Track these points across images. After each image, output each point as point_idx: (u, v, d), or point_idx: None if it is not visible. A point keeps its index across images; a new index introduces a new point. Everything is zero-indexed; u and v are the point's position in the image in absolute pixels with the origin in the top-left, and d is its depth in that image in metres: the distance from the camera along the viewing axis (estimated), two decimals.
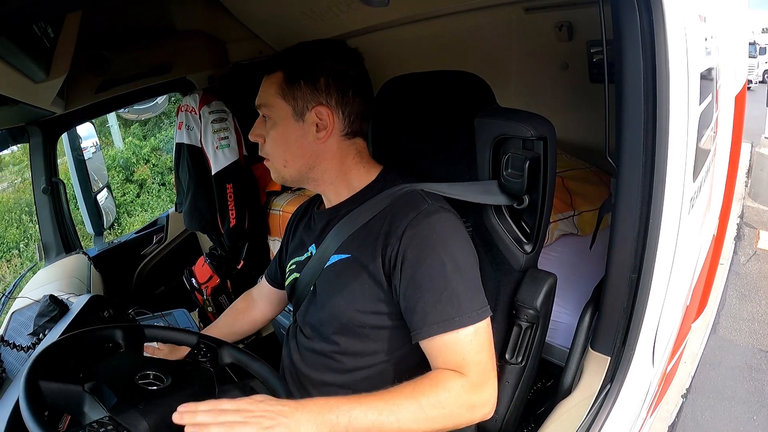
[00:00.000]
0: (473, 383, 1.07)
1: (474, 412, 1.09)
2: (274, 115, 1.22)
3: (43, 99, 1.83)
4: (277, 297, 1.63)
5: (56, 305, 1.67)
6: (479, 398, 1.08)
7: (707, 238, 1.71)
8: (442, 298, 1.09)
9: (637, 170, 1.05)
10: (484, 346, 1.11)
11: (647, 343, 1.24)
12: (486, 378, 1.10)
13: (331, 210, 1.30)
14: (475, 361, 1.09)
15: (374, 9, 2.03)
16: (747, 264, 3.57)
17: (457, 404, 1.05)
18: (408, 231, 1.12)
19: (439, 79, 1.39)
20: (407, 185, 1.19)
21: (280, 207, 2.70)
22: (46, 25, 1.37)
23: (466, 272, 1.12)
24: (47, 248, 2.50)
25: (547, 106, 1.73)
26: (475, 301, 1.11)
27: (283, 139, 1.22)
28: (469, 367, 1.08)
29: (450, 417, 1.05)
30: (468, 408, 1.07)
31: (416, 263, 1.11)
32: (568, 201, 2.00)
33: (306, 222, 1.42)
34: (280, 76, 1.20)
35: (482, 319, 1.11)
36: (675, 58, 0.98)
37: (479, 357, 1.09)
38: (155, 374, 1.08)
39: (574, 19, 2.01)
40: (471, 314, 1.09)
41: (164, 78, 2.48)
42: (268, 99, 1.22)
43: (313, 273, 1.27)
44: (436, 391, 1.04)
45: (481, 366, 1.09)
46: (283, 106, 1.20)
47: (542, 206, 1.17)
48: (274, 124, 1.22)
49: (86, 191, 2.91)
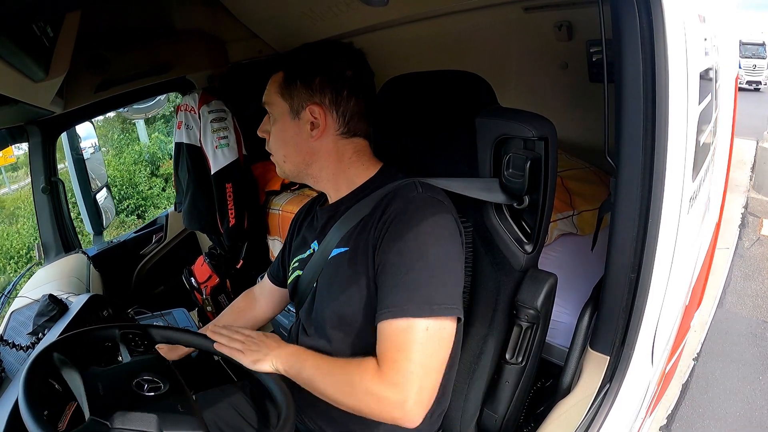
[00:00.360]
0: (385, 377, 1.04)
1: (383, 406, 1.05)
2: (275, 112, 1.26)
3: (42, 98, 1.83)
4: (279, 295, 1.62)
5: (55, 305, 1.67)
6: (391, 395, 1.04)
7: (706, 236, 1.71)
8: (400, 283, 1.07)
9: (636, 170, 1.05)
10: (429, 348, 1.06)
11: (646, 343, 1.24)
12: (406, 380, 1.03)
13: (331, 206, 1.31)
14: (405, 359, 1.04)
15: (374, 9, 2.03)
16: (751, 248, 3.98)
17: (363, 389, 1.06)
18: (389, 217, 1.13)
19: (440, 78, 1.39)
20: (407, 179, 1.21)
21: (279, 206, 2.70)
22: (46, 24, 1.36)
23: (433, 265, 1.08)
24: (46, 248, 2.50)
25: (546, 106, 1.73)
26: (436, 296, 1.06)
27: (282, 136, 1.27)
28: (394, 362, 1.05)
29: (357, 400, 1.08)
30: (376, 399, 1.05)
31: (387, 249, 1.11)
32: (568, 201, 2.00)
33: (309, 220, 1.42)
34: (281, 76, 1.25)
35: (438, 315, 1.06)
36: (674, 57, 0.98)
37: (413, 356, 1.04)
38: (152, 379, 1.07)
39: (574, 19, 2.01)
40: (424, 306, 1.05)
41: (164, 77, 2.48)
42: (271, 97, 1.26)
43: (315, 269, 1.27)
44: (357, 371, 1.09)
45: (409, 367, 1.04)
46: (281, 104, 1.24)
47: (543, 206, 1.17)
48: (275, 121, 1.27)
49: (85, 191, 2.91)
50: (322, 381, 1.13)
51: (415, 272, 1.07)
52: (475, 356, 1.30)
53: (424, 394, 1.05)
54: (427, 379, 1.05)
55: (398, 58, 2.41)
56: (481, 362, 1.29)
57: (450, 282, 1.10)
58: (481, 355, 1.29)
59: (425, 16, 2.21)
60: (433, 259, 1.09)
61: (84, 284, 2.30)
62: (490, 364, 1.28)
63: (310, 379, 1.15)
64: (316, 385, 1.14)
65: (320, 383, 1.13)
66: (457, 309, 1.09)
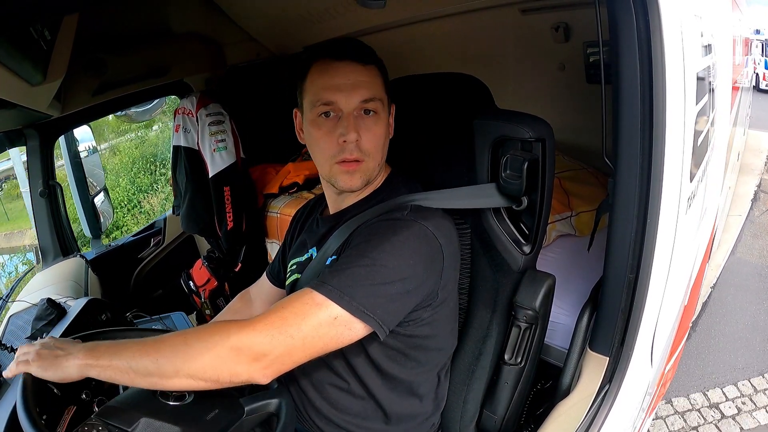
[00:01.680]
0: (252, 324, 0.98)
1: (240, 357, 0.96)
2: (380, 109, 1.18)
3: (39, 102, 1.83)
4: (276, 295, 1.61)
5: (54, 308, 1.67)
6: (248, 340, 0.96)
7: (705, 237, 1.72)
8: (334, 269, 1.05)
9: (634, 171, 1.05)
10: (307, 322, 0.99)
11: (645, 343, 1.24)
12: (270, 329, 0.98)
13: (337, 215, 1.30)
14: (281, 316, 0.99)
15: (371, 11, 2.03)
16: (761, 216, 4.87)
17: (221, 339, 0.96)
18: (366, 226, 1.13)
19: (437, 80, 1.39)
20: (407, 196, 1.20)
21: (277, 209, 2.69)
22: (43, 27, 1.37)
23: (382, 274, 1.03)
24: (44, 251, 2.49)
25: (544, 107, 1.74)
26: (356, 293, 1.01)
27: (384, 135, 1.21)
28: (269, 314, 1.00)
29: (210, 353, 0.96)
30: (233, 350, 0.96)
31: (350, 245, 1.11)
32: (566, 202, 2.00)
33: (310, 223, 1.42)
34: (377, 70, 1.19)
35: (345, 307, 1.00)
36: (671, 58, 0.99)
37: (288, 316, 0.99)
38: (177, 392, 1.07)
39: (571, 21, 2.01)
40: (336, 292, 1.00)
41: (161, 80, 2.49)
42: (380, 92, 1.19)
43: (312, 275, 1.25)
44: (211, 327, 1.03)
45: (278, 322, 0.98)
46: (385, 99, 1.20)
47: (541, 207, 1.17)
48: (378, 120, 1.19)
49: (83, 194, 2.90)
50: (153, 350, 0.97)
51: (359, 271, 1.03)
52: (474, 357, 1.31)
53: (285, 362, 1.00)
54: (298, 353, 1.00)
55: (395, 60, 2.39)
56: (480, 363, 1.30)
57: (385, 294, 1.04)
58: (480, 356, 1.30)
59: (422, 19, 2.22)
60: (386, 271, 1.04)
61: (82, 288, 2.29)
62: (489, 365, 1.28)
63: (132, 356, 0.97)
64: (143, 357, 0.96)
65: (149, 353, 0.96)
66: (374, 320, 1.02)
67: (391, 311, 1.05)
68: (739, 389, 2.74)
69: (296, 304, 1.01)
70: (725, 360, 2.94)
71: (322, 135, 1.17)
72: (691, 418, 2.61)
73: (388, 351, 1.18)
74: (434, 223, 1.13)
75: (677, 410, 2.66)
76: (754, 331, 3.18)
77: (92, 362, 0.99)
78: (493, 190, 1.20)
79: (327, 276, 1.04)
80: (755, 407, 2.63)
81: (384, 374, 1.21)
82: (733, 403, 2.67)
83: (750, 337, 3.13)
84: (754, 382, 2.77)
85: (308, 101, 1.19)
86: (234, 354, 0.96)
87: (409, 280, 1.06)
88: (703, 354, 3.00)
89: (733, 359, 2.95)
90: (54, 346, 1.05)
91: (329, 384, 1.25)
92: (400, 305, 1.07)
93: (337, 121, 1.16)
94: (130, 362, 0.96)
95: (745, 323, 3.26)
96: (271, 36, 2.63)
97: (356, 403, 1.24)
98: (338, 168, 1.19)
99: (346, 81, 1.14)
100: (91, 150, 3.06)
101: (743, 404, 2.65)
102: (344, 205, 1.29)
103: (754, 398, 2.69)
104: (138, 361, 0.96)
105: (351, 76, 1.15)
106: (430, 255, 1.10)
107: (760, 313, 3.34)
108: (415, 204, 1.17)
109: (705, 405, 2.67)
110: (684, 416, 2.63)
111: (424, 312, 1.15)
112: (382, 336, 1.04)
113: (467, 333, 1.32)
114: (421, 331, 1.17)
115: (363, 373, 1.22)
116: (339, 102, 1.14)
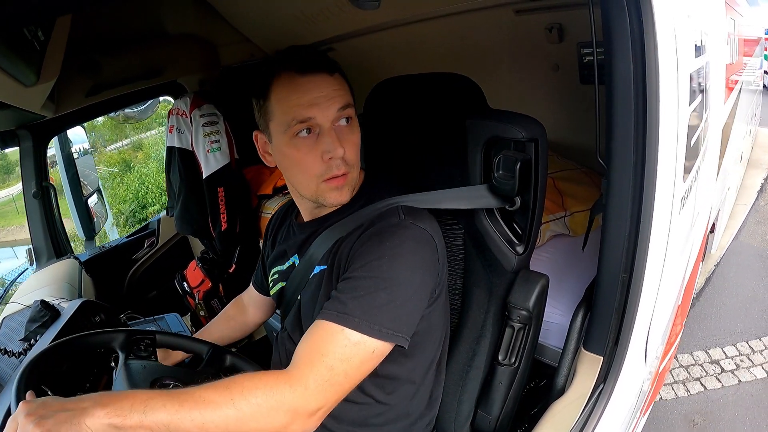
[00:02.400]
0: (302, 381, 0.95)
1: (296, 417, 0.94)
2: (353, 117, 1.14)
3: (33, 103, 1.82)
4: (266, 302, 1.62)
5: (47, 310, 1.66)
6: (303, 401, 0.94)
7: (698, 236, 1.72)
8: (353, 294, 1.02)
9: (627, 171, 1.05)
10: (351, 364, 0.98)
11: (639, 343, 1.25)
12: (323, 384, 0.96)
13: (315, 222, 1.25)
14: (328, 366, 0.96)
15: (365, 12, 2.03)
16: (765, 206, 5.08)
17: (276, 403, 0.92)
18: (366, 238, 1.09)
19: (430, 81, 1.39)
20: (391, 199, 1.16)
21: (271, 210, 2.69)
22: (37, 28, 1.36)
23: (402, 294, 1.03)
24: (38, 253, 2.49)
25: (537, 108, 1.74)
26: (383, 318, 1.00)
27: (358, 144, 1.16)
28: (314, 366, 0.96)
29: (266, 417, 0.92)
30: (289, 413, 0.93)
31: (355, 263, 1.06)
32: (560, 202, 2.00)
33: (285, 230, 1.39)
34: (341, 77, 1.12)
35: (377, 336, 0.99)
36: (664, 59, 0.99)
37: (334, 364, 0.97)
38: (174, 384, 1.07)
39: (565, 21, 2.02)
40: (366, 324, 0.99)
41: (155, 81, 2.48)
42: (351, 98, 1.13)
43: (299, 282, 1.24)
44: (254, 384, 0.93)
45: (327, 374, 0.96)
46: (353, 106, 1.14)
47: (534, 207, 1.17)
48: (354, 128, 1.14)
49: (77, 195, 2.89)
50: (195, 410, 0.88)
51: (372, 292, 1.01)
52: (468, 358, 1.31)
53: (333, 406, 1.00)
54: (331, 394, 0.98)
55: (389, 60, 2.41)
56: (474, 364, 1.30)
57: (406, 310, 1.04)
58: (474, 357, 1.30)
59: (416, 19, 2.21)
60: (397, 287, 1.03)
61: (76, 289, 2.29)
62: (483, 366, 1.28)
63: (169, 416, 0.87)
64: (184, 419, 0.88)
65: (191, 415, 0.88)
66: (401, 338, 1.02)
67: (412, 323, 1.06)
68: (737, 349, 3.03)
69: (336, 348, 0.98)
70: (725, 325, 3.24)
71: (303, 155, 1.11)
72: (694, 371, 2.89)
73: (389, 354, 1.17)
74: (428, 223, 1.12)
75: (682, 364, 2.94)
76: (752, 302, 3.46)
77: (118, 422, 0.85)
78: (485, 190, 1.19)
79: (349, 305, 1.01)
80: (752, 364, 2.89)
81: (382, 376, 1.19)
82: (732, 360, 2.94)
83: (749, 308, 3.41)
84: (751, 344, 3.05)
85: (279, 122, 1.11)
86: (291, 416, 0.94)
87: (421, 288, 1.07)
88: (706, 320, 3.30)
89: (732, 325, 3.24)
90: (53, 411, 0.87)
91: None
92: (417, 314, 1.08)
93: (317, 137, 1.10)
94: (169, 423, 0.87)
95: (744, 296, 3.54)
96: (265, 36, 2.62)
97: (353, 409, 1.23)
98: (326, 186, 1.13)
99: (320, 94, 1.07)
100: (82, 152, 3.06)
101: (741, 362, 2.92)
102: (322, 212, 1.24)
103: (751, 357, 2.96)
104: (178, 423, 0.87)
105: (324, 88, 1.08)
106: (431, 258, 1.10)
107: (759, 288, 3.63)
108: (405, 206, 1.15)
109: (707, 361, 2.95)
110: (688, 369, 2.90)
111: (425, 309, 1.15)
112: (406, 346, 1.05)
113: (461, 333, 1.32)
114: (419, 327, 1.17)
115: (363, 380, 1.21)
116: (317, 117, 1.08)
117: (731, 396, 2.69)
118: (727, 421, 2.53)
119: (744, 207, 4.84)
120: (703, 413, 2.59)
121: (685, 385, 2.79)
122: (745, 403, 2.63)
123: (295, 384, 0.95)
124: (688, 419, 2.56)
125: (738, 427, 2.49)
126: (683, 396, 2.72)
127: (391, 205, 1.15)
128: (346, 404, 1.21)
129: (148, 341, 1.28)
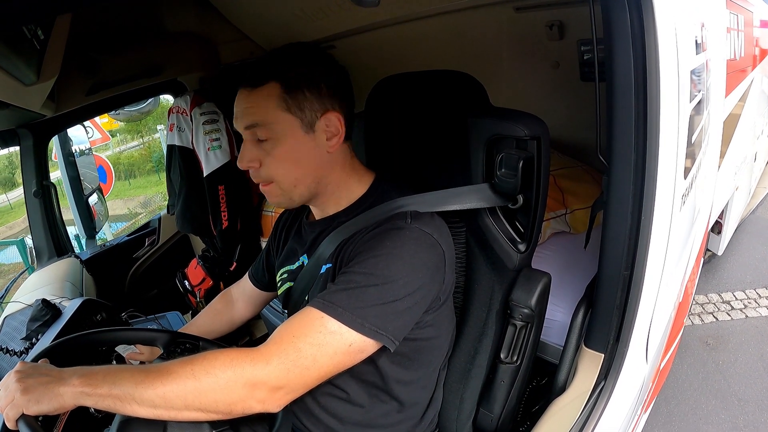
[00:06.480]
0: (266, 356, 0.96)
1: (255, 391, 0.95)
2: (277, 132, 1.11)
3: (33, 102, 1.82)
4: (259, 298, 1.62)
5: (49, 309, 1.66)
6: (263, 375, 0.95)
7: (699, 233, 1.72)
8: (344, 286, 1.02)
9: (628, 168, 1.05)
10: (322, 351, 0.98)
11: (640, 340, 1.25)
12: (286, 362, 0.96)
13: (323, 221, 1.26)
14: (296, 347, 0.97)
15: (365, 9, 2.02)
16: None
17: (235, 375, 0.94)
18: (370, 237, 1.09)
19: (432, 78, 1.39)
20: (400, 200, 1.16)
21: (272, 208, 2.69)
22: (36, 27, 1.36)
23: (393, 292, 1.02)
24: (39, 252, 2.49)
25: (538, 105, 1.73)
26: (369, 314, 1.00)
27: (293, 156, 1.13)
28: (282, 344, 0.98)
29: (224, 389, 0.94)
30: (248, 386, 0.95)
31: (356, 259, 1.06)
32: (560, 199, 2.00)
33: (296, 230, 1.39)
34: (276, 87, 1.09)
35: (358, 330, 0.99)
36: (665, 56, 0.99)
37: (303, 347, 0.97)
38: None
39: (565, 18, 2.01)
40: (348, 315, 0.99)
41: (155, 80, 2.48)
42: (268, 115, 1.10)
43: (306, 282, 1.24)
44: (216, 357, 0.96)
45: (293, 355, 0.97)
46: (288, 119, 1.10)
47: (536, 205, 1.17)
48: (277, 143, 1.12)
49: (77, 194, 2.90)
50: (158, 381, 0.93)
51: (373, 288, 1.01)
52: (470, 356, 1.31)
53: (298, 391, 1.00)
54: (298, 380, 0.98)
55: (390, 58, 2.41)
56: (476, 362, 1.30)
57: (396, 310, 1.03)
58: (476, 355, 1.30)
59: (416, 17, 2.21)
60: (394, 288, 1.02)
61: (77, 288, 2.29)
62: (485, 364, 1.28)
63: (134, 386, 0.93)
64: (147, 389, 0.93)
65: (153, 385, 0.93)
66: (386, 337, 1.01)
67: (401, 326, 1.05)
68: (746, 294, 3.57)
69: (310, 332, 0.99)
70: (737, 276, 3.79)
71: None
72: (708, 307, 3.44)
73: (393, 357, 1.16)
74: (435, 228, 1.11)
75: (697, 302, 3.48)
76: (763, 261, 3.98)
77: (89, 390, 0.94)
78: (488, 189, 1.19)
79: (337, 296, 1.01)
80: (759, 306, 3.43)
81: (386, 379, 1.20)
82: (740, 302, 3.49)
83: (759, 265, 3.93)
84: (759, 291, 3.59)
85: None
86: (249, 389, 0.95)
87: (418, 291, 1.05)
88: (719, 273, 3.84)
89: (743, 276, 3.78)
90: (37, 374, 0.99)
91: (328, 394, 1.23)
92: (409, 318, 1.07)
93: None
94: (133, 393, 0.93)
95: (756, 257, 4.05)
96: (265, 34, 2.62)
97: (359, 411, 1.23)
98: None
99: (237, 109, 1.13)
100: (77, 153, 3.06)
101: (749, 303, 3.47)
102: (330, 211, 1.25)
103: (758, 300, 3.50)
104: (142, 392, 0.93)
105: (240, 103, 1.13)
106: (435, 264, 1.09)
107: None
108: (413, 210, 1.14)
109: (719, 301, 3.50)
110: (702, 305, 3.47)
111: (427, 315, 1.13)
112: (393, 348, 1.04)
113: (463, 332, 1.32)
114: (425, 334, 1.16)
115: (365, 382, 1.21)
116: (239, 130, 1.15)
117: (739, 326, 3.22)
118: (735, 343, 3.06)
119: (764, 189, 5.09)
120: (715, 337, 3.14)
121: (699, 316, 3.33)
122: (750, 332, 3.17)
123: (258, 359, 0.96)
124: (702, 341, 3.11)
125: (744, 348, 3.01)
126: (698, 324, 3.27)
127: (399, 209, 1.14)
128: (352, 406, 1.22)
129: (190, 346, 1.32)
